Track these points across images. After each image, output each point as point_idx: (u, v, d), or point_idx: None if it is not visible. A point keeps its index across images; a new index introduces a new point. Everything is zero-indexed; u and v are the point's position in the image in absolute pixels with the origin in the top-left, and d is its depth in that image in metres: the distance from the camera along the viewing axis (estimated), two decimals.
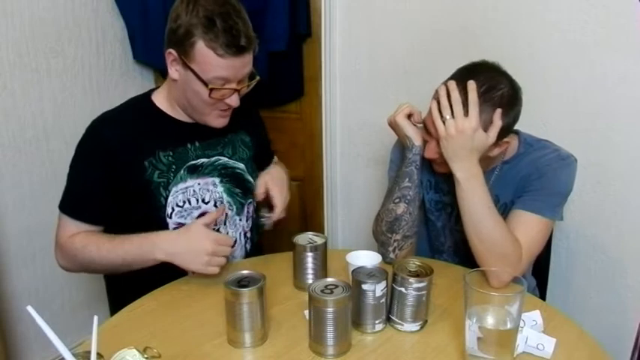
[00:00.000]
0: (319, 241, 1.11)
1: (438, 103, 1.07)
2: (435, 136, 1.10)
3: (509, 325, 0.79)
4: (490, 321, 0.80)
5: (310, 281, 1.10)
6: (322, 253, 1.11)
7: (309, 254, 1.10)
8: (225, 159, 1.27)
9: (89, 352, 0.68)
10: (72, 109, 1.87)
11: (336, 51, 1.96)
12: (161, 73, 2.09)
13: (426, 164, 1.29)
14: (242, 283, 0.89)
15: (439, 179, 1.27)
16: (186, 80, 1.13)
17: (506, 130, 1.08)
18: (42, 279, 1.88)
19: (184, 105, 1.20)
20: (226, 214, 1.26)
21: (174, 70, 1.15)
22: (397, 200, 1.20)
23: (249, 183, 1.31)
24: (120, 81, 2.01)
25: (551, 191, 1.13)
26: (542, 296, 1.41)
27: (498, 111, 1.05)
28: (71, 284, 1.98)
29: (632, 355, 1.43)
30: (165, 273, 1.12)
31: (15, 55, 1.68)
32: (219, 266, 1.09)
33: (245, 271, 0.93)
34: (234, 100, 1.16)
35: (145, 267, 1.10)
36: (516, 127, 1.14)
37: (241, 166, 1.30)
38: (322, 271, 1.12)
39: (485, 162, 1.12)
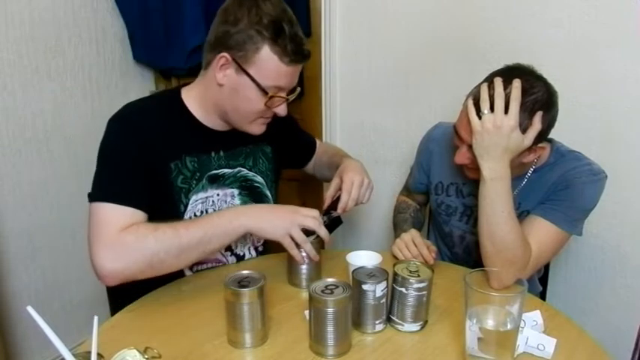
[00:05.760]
0: (313, 236, 1.11)
1: (475, 100, 1.04)
2: (465, 139, 1.08)
3: (509, 326, 0.79)
4: (490, 321, 0.80)
5: (304, 277, 1.11)
6: (316, 249, 1.11)
7: (304, 250, 1.09)
8: (246, 171, 1.24)
9: (89, 352, 0.68)
10: (72, 109, 1.87)
11: (336, 51, 1.96)
12: (161, 73, 2.10)
13: (446, 170, 1.30)
14: (242, 283, 0.89)
15: (465, 184, 1.27)
16: (238, 86, 1.08)
17: (543, 135, 1.06)
18: (42, 279, 1.88)
19: (225, 110, 1.14)
20: None
21: (222, 75, 1.09)
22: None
23: (267, 198, 1.29)
24: (120, 81, 2.01)
25: (574, 205, 1.11)
26: (543, 296, 1.41)
27: (539, 113, 1.01)
28: (71, 284, 1.98)
29: (633, 355, 1.43)
30: (164, 275, 1.12)
31: (15, 55, 1.68)
32: (299, 240, 1.05)
33: (245, 272, 0.93)
34: (283, 109, 1.13)
35: (224, 243, 1.05)
36: None
37: (260, 179, 1.27)
38: (316, 267, 1.12)
39: (517, 168, 1.10)
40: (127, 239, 0.99)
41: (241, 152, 1.24)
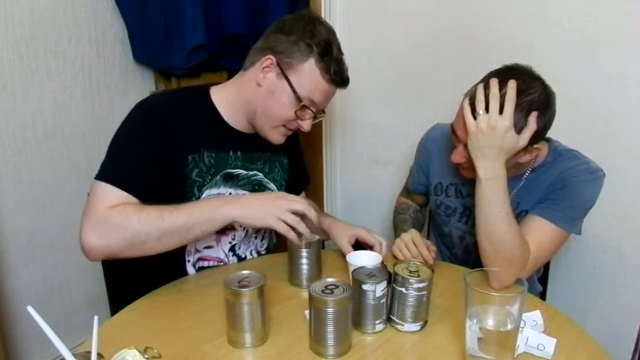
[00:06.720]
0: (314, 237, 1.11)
1: (471, 100, 1.04)
2: (462, 139, 1.08)
3: (509, 326, 0.79)
4: (491, 321, 0.80)
5: (305, 277, 1.11)
6: (316, 248, 1.11)
7: (304, 250, 1.10)
8: (261, 176, 1.26)
9: (89, 352, 0.68)
10: (72, 109, 1.87)
11: None
12: (161, 73, 2.09)
13: (445, 171, 1.29)
14: (242, 283, 0.89)
15: (463, 184, 1.27)
16: (275, 89, 1.13)
17: (538, 136, 1.05)
18: (42, 279, 1.88)
19: (254, 109, 1.16)
20: (247, 231, 1.25)
21: (262, 77, 1.13)
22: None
23: None
24: (120, 81, 2.01)
25: (573, 203, 1.11)
26: (543, 296, 1.41)
27: (534, 113, 1.01)
28: (71, 284, 1.98)
29: (633, 355, 1.43)
30: (166, 273, 1.12)
31: (15, 55, 1.68)
32: (292, 225, 1.02)
33: (245, 271, 0.93)
34: (307, 125, 1.17)
35: (208, 230, 1.04)
36: None
37: (273, 187, 1.28)
38: (317, 267, 1.12)
39: (514, 168, 1.10)
40: (112, 217, 1.00)
41: (259, 157, 1.26)
